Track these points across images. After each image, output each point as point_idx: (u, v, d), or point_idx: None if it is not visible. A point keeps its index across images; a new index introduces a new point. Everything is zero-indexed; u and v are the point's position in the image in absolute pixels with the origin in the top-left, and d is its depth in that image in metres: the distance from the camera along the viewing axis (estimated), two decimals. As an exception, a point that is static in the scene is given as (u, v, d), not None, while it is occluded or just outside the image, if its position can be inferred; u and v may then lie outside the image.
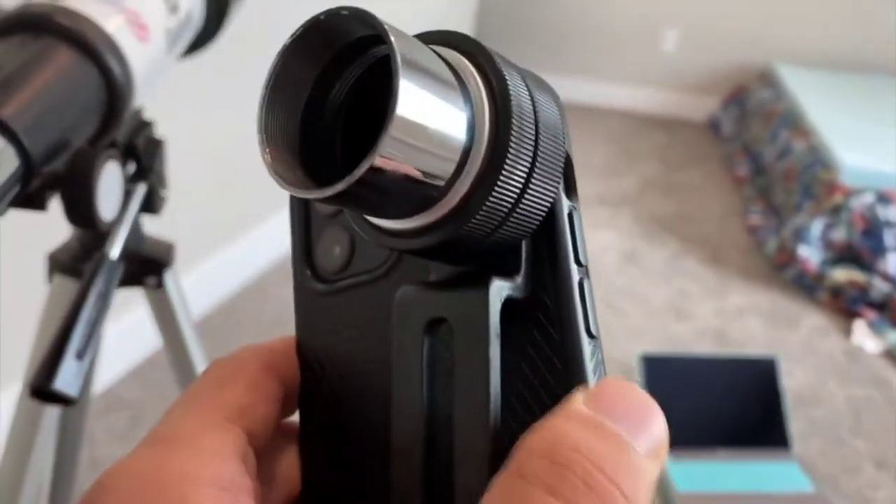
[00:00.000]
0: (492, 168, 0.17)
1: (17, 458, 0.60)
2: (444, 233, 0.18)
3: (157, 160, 0.57)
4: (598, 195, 2.97)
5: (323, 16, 0.17)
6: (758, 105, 3.39)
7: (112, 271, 0.52)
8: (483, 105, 0.18)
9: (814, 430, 1.77)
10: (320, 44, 0.18)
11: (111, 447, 1.54)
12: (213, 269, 1.96)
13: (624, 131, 3.78)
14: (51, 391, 0.48)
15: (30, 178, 0.41)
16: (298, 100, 0.18)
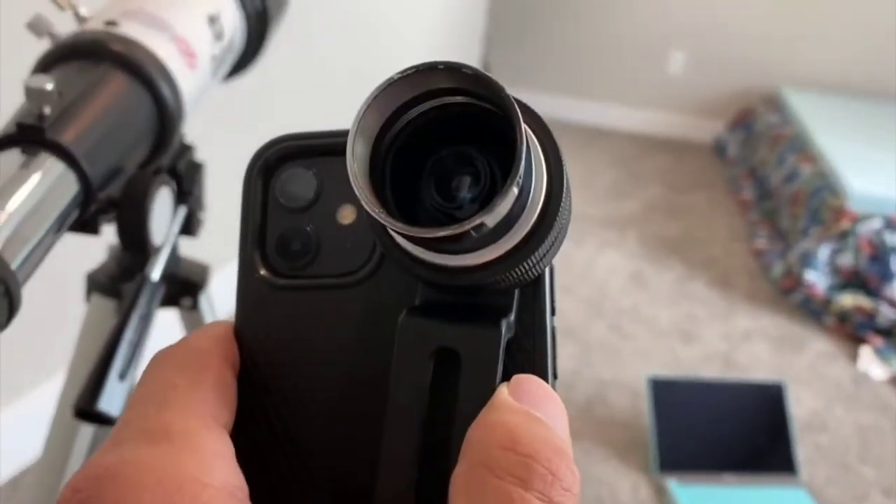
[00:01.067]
0: (539, 231, 0.20)
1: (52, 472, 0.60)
2: (481, 277, 0.19)
3: (198, 183, 0.58)
4: (604, 217, 2.98)
5: (441, 65, 0.18)
6: (764, 129, 3.41)
7: (153, 293, 0.53)
8: (542, 176, 0.20)
9: (821, 456, 1.76)
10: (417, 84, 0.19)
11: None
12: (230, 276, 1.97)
13: (630, 153, 3.80)
14: (95, 412, 0.48)
15: (89, 203, 0.42)
16: (378, 124, 0.20)
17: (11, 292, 0.34)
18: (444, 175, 0.20)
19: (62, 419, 0.60)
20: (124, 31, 0.48)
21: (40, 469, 0.61)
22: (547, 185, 0.20)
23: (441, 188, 0.20)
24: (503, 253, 0.19)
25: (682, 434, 1.65)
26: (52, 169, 0.39)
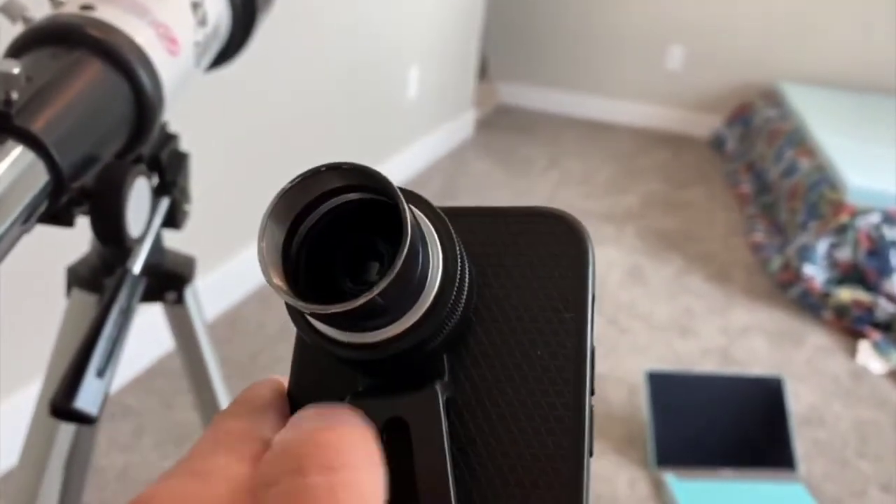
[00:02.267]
0: (441, 303, 0.22)
1: (31, 471, 0.59)
2: (389, 349, 0.22)
3: (182, 174, 0.57)
4: (602, 212, 2.96)
5: (324, 167, 0.21)
6: (763, 123, 3.40)
7: (134, 287, 0.51)
8: (438, 252, 0.22)
9: (819, 451, 1.75)
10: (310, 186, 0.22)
11: (113, 456, 1.53)
12: (217, 278, 1.95)
13: (628, 148, 3.78)
14: (71, 410, 0.47)
15: (60, 194, 0.40)
16: (281, 234, 0.22)
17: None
18: (353, 262, 0.23)
19: (41, 418, 0.59)
20: (101, 15, 0.46)
21: (20, 470, 0.59)
22: (443, 262, 0.22)
23: (352, 274, 0.23)
24: (412, 323, 0.21)
25: (680, 429, 1.64)
26: (20, 157, 0.38)
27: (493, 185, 3.16)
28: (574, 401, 0.22)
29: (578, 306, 0.23)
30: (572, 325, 0.23)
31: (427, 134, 3.23)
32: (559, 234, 0.24)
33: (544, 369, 0.23)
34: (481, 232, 0.25)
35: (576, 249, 0.24)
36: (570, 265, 0.24)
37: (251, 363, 1.85)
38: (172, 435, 1.60)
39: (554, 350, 0.23)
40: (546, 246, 0.24)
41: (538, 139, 3.79)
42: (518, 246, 0.24)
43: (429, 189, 3.03)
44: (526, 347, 0.23)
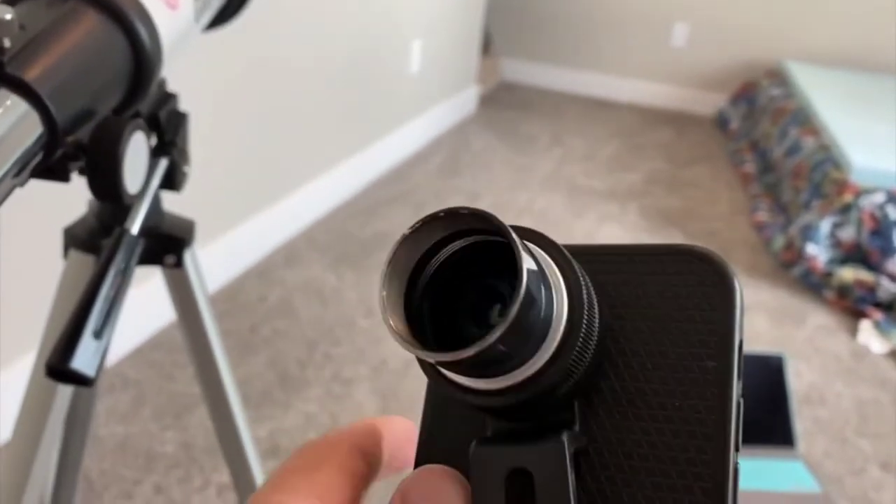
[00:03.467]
0: (567, 347, 0.21)
1: (28, 437, 0.58)
2: (517, 396, 0.21)
3: (181, 134, 0.55)
4: (606, 189, 2.95)
5: (442, 213, 0.21)
6: (767, 102, 3.37)
7: (132, 247, 0.50)
8: (563, 295, 0.21)
9: (819, 429, 1.75)
10: (434, 231, 0.21)
11: (113, 426, 1.53)
12: (217, 251, 1.94)
13: (632, 126, 3.76)
14: (68, 371, 0.46)
15: (54, 147, 0.39)
16: (403, 282, 0.22)
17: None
18: (477, 307, 0.22)
19: (38, 382, 0.58)
20: (97, -34, 0.44)
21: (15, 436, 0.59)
22: (569, 304, 0.21)
23: (477, 319, 0.22)
24: (537, 370, 0.21)
25: (680, 406, 1.63)
26: (13, 107, 0.36)
27: (495, 161, 3.15)
28: (716, 458, 0.21)
29: (723, 354, 0.21)
30: (715, 375, 0.21)
31: (429, 109, 3.21)
32: (702, 275, 0.22)
33: (684, 421, 0.21)
34: (616, 272, 0.23)
35: (721, 291, 0.22)
36: (715, 308, 0.22)
37: (252, 336, 1.85)
38: (172, 406, 1.60)
39: (694, 402, 0.21)
40: (688, 287, 0.22)
41: (541, 116, 3.76)
42: (657, 287, 0.23)
43: (431, 165, 3.01)
44: (663, 398, 0.22)
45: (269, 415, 1.61)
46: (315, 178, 2.40)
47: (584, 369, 0.22)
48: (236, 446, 0.70)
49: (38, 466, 0.58)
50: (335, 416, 1.63)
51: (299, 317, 1.95)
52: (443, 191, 2.79)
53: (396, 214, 2.55)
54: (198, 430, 1.54)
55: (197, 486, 1.43)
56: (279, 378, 1.72)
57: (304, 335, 1.88)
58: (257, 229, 2.14)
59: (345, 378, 1.74)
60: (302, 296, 2.04)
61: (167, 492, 1.41)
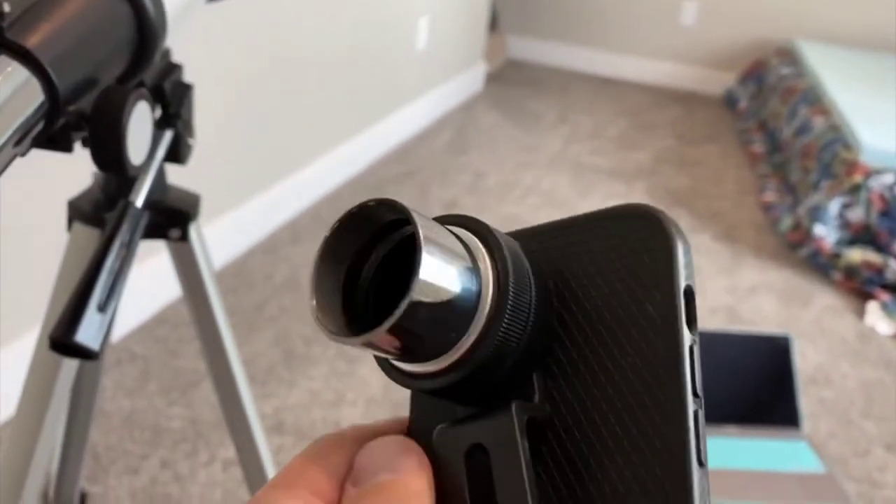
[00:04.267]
0: (494, 324, 0.21)
1: (33, 412, 0.58)
2: (457, 374, 0.21)
3: (185, 106, 0.54)
4: (613, 168, 2.93)
5: (356, 208, 0.22)
6: (777, 81, 3.34)
7: (136, 220, 0.50)
8: (488, 276, 0.21)
9: (824, 410, 1.75)
10: (356, 228, 0.22)
11: (119, 400, 1.53)
12: (222, 228, 1.94)
13: (640, 104, 3.73)
14: (72, 344, 0.45)
15: (56, 116, 0.39)
16: (340, 272, 0.22)
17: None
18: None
19: (42, 355, 0.57)
20: (100, -69, 0.43)
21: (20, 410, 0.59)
22: (495, 281, 0.21)
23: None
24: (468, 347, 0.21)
25: (685, 386, 1.63)
26: (13, 74, 0.36)
27: (502, 138, 3.13)
28: (672, 405, 0.21)
29: (666, 302, 0.21)
30: (662, 324, 0.21)
31: (436, 86, 3.18)
32: (639, 231, 0.23)
33: (638, 376, 0.21)
34: (562, 246, 0.24)
35: (658, 242, 0.22)
36: (654, 260, 0.22)
37: (257, 314, 1.85)
38: (178, 382, 1.60)
39: (645, 354, 0.21)
40: (627, 245, 0.23)
41: (548, 94, 3.74)
42: (601, 252, 0.23)
43: (437, 143, 2.99)
44: (617, 357, 0.22)
45: (274, 392, 1.61)
46: (321, 156, 2.39)
47: (523, 344, 0.22)
48: (242, 421, 0.70)
49: (43, 441, 0.58)
50: (340, 393, 1.63)
51: (305, 294, 1.95)
52: (449, 169, 2.78)
53: (402, 192, 2.54)
54: (204, 406, 1.54)
55: (203, 460, 1.43)
56: (284, 355, 1.72)
57: (309, 312, 1.88)
58: (263, 206, 2.13)
59: (350, 356, 1.75)
60: (308, 273, 2.04)
61: (173, 466, 1.42)
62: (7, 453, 0.60)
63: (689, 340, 0.21)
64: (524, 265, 0.22)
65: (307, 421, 1.56)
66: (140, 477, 1.39)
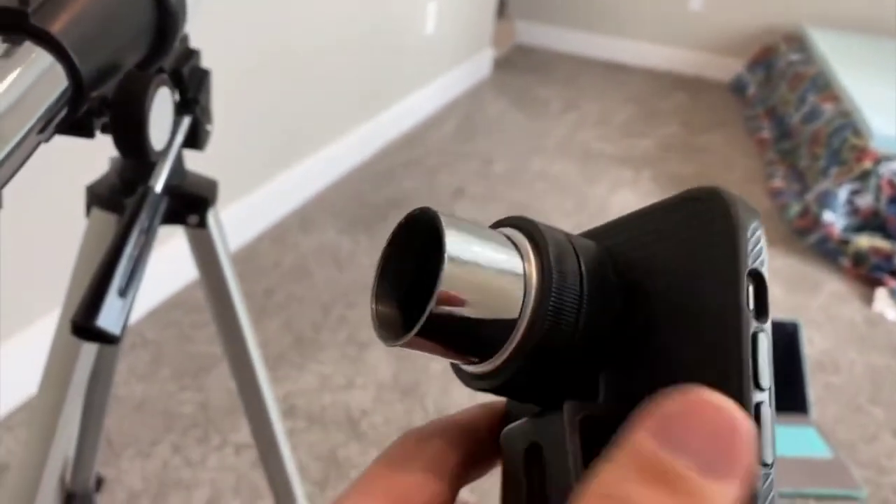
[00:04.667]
0: (538, 322, 0.21)
1: (53, 395, 0.59)
2: (509, 371, 0.21)
3: (203, 91, 0.55)
4: (619, 155, 2.93)
5: (405, 219, 0.22)
6: (785, 67, 3.32)
7: (156, 205, 0.50)
8: (532, 271, 0.21)
9: (832, 396, 1.75)
10: (412, 237, 0.22)
11: (132, 385, 1.54)
12: (232, 215, 1.94)
13: (646, 90, 3.72)
14: (93, 328, 0.46)
15: (79, 102, 0.39)
16: (404, 277, 0.22)
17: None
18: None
19: (62, 340, 0.58)
20: (119, -83, 0.43)
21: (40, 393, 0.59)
22: (539, 281, 0.21)
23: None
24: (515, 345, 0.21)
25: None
26: (38, 60, 0.36)
27: (509, 125, 3.12)
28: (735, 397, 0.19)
29: (730, 289, 0.20)
30: (724, 313, 0.20)
31: (444, 72, 3.18)
32: (703, 214, 0.21)
33: (702, 370, 0.20)
34: (629, 239, 0.23)
35: (722, 225, 0.21)
36: (718, 245, 0.21)
37: (266, 300, 1.85)
38: (190, 367, 1.61)
39: (710, 346, 0.20)
40: (693, 231, 0.21)
41: (556, 80, 3.72)
42: (668, 241, 0.22)
43: (445, 129, 2.99)
44: (683, 351, 0.20)
45: (285, 376, 1.62)
46: (329, 143, 2.39)
47: (576, 342, 0.21)
48: (258, 404, 0.71)
49: (62, 424, 0.59)
50: (350, 378, 1.64)
51: (314, 280, 1.96)
52: (457, 155, 2.78)
53: (410, 179, 2.54)
54: (215, 391, 1.55)
55: (215, 445, 1.45)
56: (294, 341, 1.73)
57: (318, 299, 1.89)
58: (271, 194, 2.13)
59: (360, 341, 1.75)
60: (316, 260, 2.04)
61: (185, 451, 1.43)
62: (27, 436, 0.61)
63: (754, 327, 0.20)
64: (573, 263, 0.22)
65: (318, 405, 1.57)
66: (152, 461, 1.40)
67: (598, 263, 0.22)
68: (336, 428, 1.52)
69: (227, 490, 1.37)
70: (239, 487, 1.38)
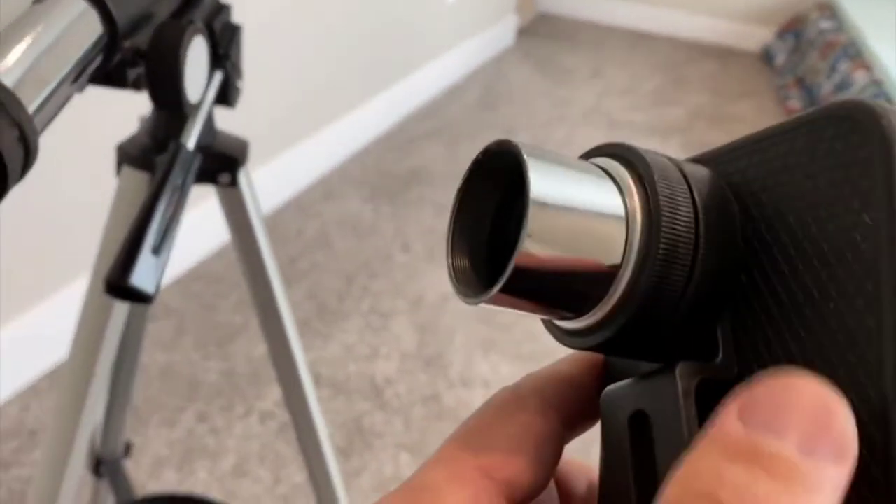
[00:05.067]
0: (644, 268, 0.18)
1: (85, 357, 0.58)
2: (614, 326, 0.18)
3: (234, 47, 0.53)
4: (647, 124, 2.88)
5: (481, 154, 0.20)
6: (816, 35, 3.24)
7: (188, 162, 0.48)
8: (636, 208, 0.18)
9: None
10: (489, 177, 0.20)
11: (156, 354, 1.55)
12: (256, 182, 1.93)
13: (674, 59, 3.65)
14: (127, 287, 0.45)
15: (114, 50, 0.37)
16: (482, 224, 0.20)
17: (28, 139, 0.30)
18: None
19: (93, 301, 0.57)
20: None
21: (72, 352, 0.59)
22: (645, 220, 0.18)
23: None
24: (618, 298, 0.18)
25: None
26: (72, 6, 0.34)
27: (533, 94, 3.08)
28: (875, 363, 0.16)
29: (877, 232, 0.16)
30: (869, 261, 0.16)
31: (466, 41, 3.13)
32: (846, 134, 0.17)
33: (841, 325, 0.16)
34: (758, 162, 0.19)
35: (875, 149, 0.17)
36: (870, 174, 0.17)
37: (290, 268, 1.85)
38: (213, 336, 1.61)
39: (852, 299, 0.16)
40: (838, 155, 0.17)
41: (580, 48, 3.67)
42: (800, 168, 0.18)
43: (467, 98, 2.96)
44: (819, 303, 0.17)
45: (309, 345, 1.62)
46: (350, 112, 2.36)
47: (691, 292, 0.18)
48: (289, 366, 0.70)
49: (95, 385, 0.58)
50: (374, 347, 1.64)
51: (336, 250, 1.95)
52: (479, 125, 2.75)
53: (432, 149, 2.52)
54: (239, 359, 1.55)
55: (239, 413, 1.45)
56: (318, 309, 1.73)
57: (341, 268, 1.88)
58: (294, 162, 2.12)
59: (382, 311, 1.75)
60: (339, 229, 2.03)
61: (210, 419, 1.43)
62: (59, 399, 0.61)
63: None
64: (685, 196, 0.18)
65: (342, 374, 1.56)
66: (177, 429, 1.41)
67: (716, 196, 0.19)
68: (360, 397, 1.52)
69: (252, 458, 1.37)
70: (264, 455, 1.38)
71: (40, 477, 0.63)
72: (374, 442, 1.43)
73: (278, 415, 1.45)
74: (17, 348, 1.40)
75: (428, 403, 1.52)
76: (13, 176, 0.28)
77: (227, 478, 1.33)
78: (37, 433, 1.36)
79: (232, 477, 1.34)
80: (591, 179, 0.18)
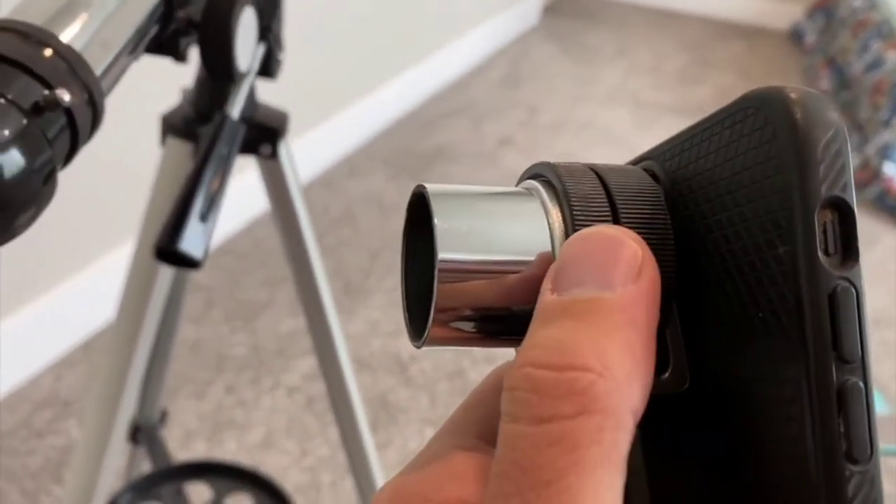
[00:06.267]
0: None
1: (130, 324, 0.59)
2: None
3: (276, 20, 0.54)
4: (673, 104, 2.86)
5: (411, 198, 0.19)
6: (847, 14, 3.19)
7: (233, 132, 0.49)
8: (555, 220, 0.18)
9: (886, 352, 1.72)
10: (424, 223, 0.18)
11: (185, 328, 1.57)
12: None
13: (701, 38, 3.61)
14: (176, 252, 0.46)
15: (169, 19, 0.38)
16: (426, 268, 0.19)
17: (95, 101, 0.31)
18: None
19: (140, 266, 0.59)
20: None
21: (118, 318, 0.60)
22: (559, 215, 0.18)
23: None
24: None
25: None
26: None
27: (557, 73, 3.06)
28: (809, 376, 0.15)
29: (796, 234, 0.15)
30: (793, 267, 0.15)
31: (490, 19, 3.12)
32: (763, 128, 0.16)
33: (768, 337, 0.16)
34: (686, 163, 0.18)
35: (785, 143, 0.15)
36: (780, 168, 0.15)
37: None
38: (241, 311, 1.63)
39: (774, 307, 0.16)
40: (753, 151, 0.16)
41: (605, 26, 3.63)
42: (725, 165, 0.17)
43: (491, 77, 2.95)
44: (746, 312, 0.16)
45: (335, 321, 1.64)
46: (373, 91, 2.37)
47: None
48: (325, 337, 0.71)
49: (140, 350, 0.60)
50: (398, 324, 1.65)
51: (361, 227, 1.96)
52: (503, 104, 2.74)
53: (456, 128, 2.52)
54: (267, 334, 1.57)
55: (267, 387, 1.47)
56: (343, 286, 1.75)
57: (366, 245, 1.89)
58: (319, 140, 2.13)
59: (408, 288, 1.76)
60: (364, 206, 2.04)
61: (238, 392, 1.46)
62: (104, 363, 0.62)
63: (834, 280, 0.15)
64: (603, 199, 0.18)
65: (367, 350, 1.58)
66: (206, 402, 1.43)
67: (642, 197, 0.18)
68: (385, 372, 1.54)
69: (279, 431, 1.40)
70: (291, 428, 1.40)
71: (84, 441, 0.65)
72: (399, 417, 1.45)
73: (305, 388, 1.47)
74: (50, 319, 1.43)
75: (453, 379, 1.53)
76: (83, 136, 0.29)
77: (256, 450, 1.36)
78: (70, 403, 1.39)
79: (260, 449, 1.36)
80: (508, 207, 0.18)
